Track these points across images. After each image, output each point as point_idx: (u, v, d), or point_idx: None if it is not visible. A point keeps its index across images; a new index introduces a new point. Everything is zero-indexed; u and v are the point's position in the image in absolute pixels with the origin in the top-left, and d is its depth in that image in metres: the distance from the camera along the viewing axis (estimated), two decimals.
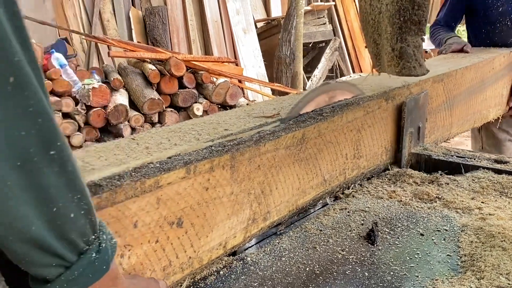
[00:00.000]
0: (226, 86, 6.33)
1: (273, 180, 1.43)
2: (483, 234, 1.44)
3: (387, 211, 1.63)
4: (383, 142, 1.91)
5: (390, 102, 1.88)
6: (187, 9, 8.30)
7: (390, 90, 1.87)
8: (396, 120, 1.95)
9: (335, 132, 1.63)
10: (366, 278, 1.27)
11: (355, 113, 1.71)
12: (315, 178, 1.60)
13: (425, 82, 2.07)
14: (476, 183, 1.79)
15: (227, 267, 1.33)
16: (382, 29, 1.78)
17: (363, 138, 1.79)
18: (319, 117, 1.55)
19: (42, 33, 7.29)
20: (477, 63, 2.61)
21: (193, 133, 1.35)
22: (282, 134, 1.41)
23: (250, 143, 1.31)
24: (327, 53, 9.57)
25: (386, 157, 1.95)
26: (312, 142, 1.55)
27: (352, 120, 1.70)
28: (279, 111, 1.56)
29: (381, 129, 1.87)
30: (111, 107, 5.65)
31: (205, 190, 1.21)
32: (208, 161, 1.20)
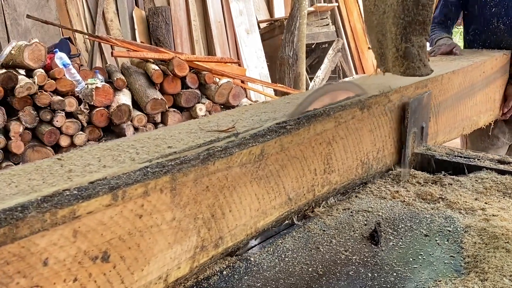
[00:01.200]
0: (229, 87, 6.33)
1: (225, 202, 1.28)
2: (487, 235, 1.43)
3: (390, 212, 1.63)
4: (358, 155, 1.76)
5: (365, 112, 1.75)
6: (190, 10, 8.31)
7: (366, 98, 1.74)
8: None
9: (301, 146, 1.50)
10: (370, 279, 1.27)
11: (325, 124, 1.57)
12: (278, 197, 1.45)
13: (406, 89, 1.94)
14: (480, 184, 1.78)
15: (230, 267, 1.33)
16: (386, 29, 1.78)
17: (335, 151, 1.65)
18: (282, 130, 1.42)
19: (46, 33, 7.31)
20: (466, 67, 2.47)
21: (130, 151, 1.21)
22: (235, 151, 1.27)
23: (196, 162, 1.18)
24: (330, 54, 9.57)
25: (362, 171, 1.80)
26: (274, 158, 1.41)
27: (321, 132, 1.57)
28: (234, 125, 1.41)
29: (355, 140, 1.73)
30: (114, 107, 5.66)
31: (139, 217, 1.07)
32: (142, 185, 1.06)
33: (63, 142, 5.52)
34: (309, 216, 1.61)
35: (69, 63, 5.77)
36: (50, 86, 5.41)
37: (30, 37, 6.49)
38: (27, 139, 5.42)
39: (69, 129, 5.53)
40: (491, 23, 3.09)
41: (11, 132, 5.24)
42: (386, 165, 1.92)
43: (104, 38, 6.67)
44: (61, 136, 5.51)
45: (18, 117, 5.31)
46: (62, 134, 5.51)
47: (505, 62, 2.94)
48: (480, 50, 3.04)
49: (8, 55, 5.50)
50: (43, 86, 5.38)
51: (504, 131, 3.25)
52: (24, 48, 5.41)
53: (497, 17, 3.06)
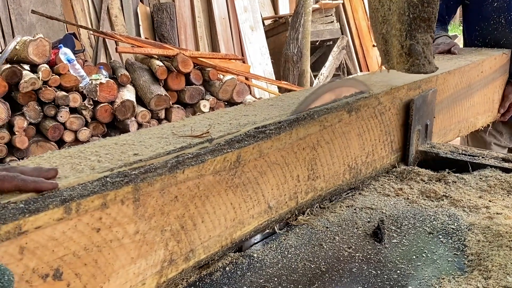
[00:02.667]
0: (233, 83, 6.33)
1: (197, 212, 1.21)
2: (490, 233, 1.43)
3: (394, 209, 1.63)
4: (345, 160, 1.69)
5: (353, 115, 1.67)
6: (195, 6, 8.30)
7: (354, 101, 1.66)
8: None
9: (282, 152, 1.43)
10: (373, 276, 1.27)
11: (308, 128, 1.50)
12: (256, 205, 1.38)
13: (398, 90, 1.87)
14: (484, 182, 1.78)
15: (233, 264, 1.33)
16: (391, 26, 1.77)
17: (320, 156, 1.58)
18: (261, 135, 1.34)
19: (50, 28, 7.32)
20: (463, 67, 2.36)
21: (92, 159, 1.12)
22: (208, 158, 1.20)
23: (162, 171, 1.10)
24: (334, 52, 9.55)
25: (350, 176, 1.73)
26: (252, 165, 1.34)
27: (304, 137, 1.50)
28: (209, 129, 1.31)
29: (342, 145, 1.66)
30: (118, 102, 5.67)
31: (96, 231, 0.99)
32: (99, 196, 0.98)
33: (67, 138, 5.53)
34: (292, 225, 1.54)
35: (73, 58, 5.77)
36: (55, 82, 5.41)
37: (35, 33, 6.49)
38: (31, 134, 5.43)
39: (73, 125, 5.54)
40: (492, 19, 2.94)
41: (15, 127, 5.25)
42: (376, 169, 1.86)
43: (108, 34, 6.67)
44: (65, 131, 5.52)
45: (22, 112, 5.31)
46: (66, 129, 5.52)
47: (505, 61, 2.85)
48: (479, 49, 2.93)
49: (12, 50, 5.50)
50: (48, 81, 5.38)
51: (501, 131, 3.14)
52: (28, 43, 5.41)
53: (498, 12, 2.90)
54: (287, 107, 1.58)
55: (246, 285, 1.23)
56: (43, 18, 6.91)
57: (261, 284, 1.23)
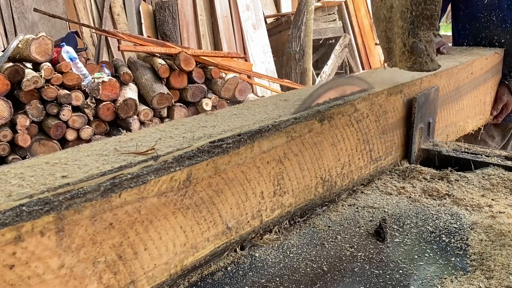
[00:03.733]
0: (235, 82, 6.33)
1: (139, 239, 1.09)
2: (493, 232, 1.42)
3: (396, 208, 1.62)
4: (318, 172, 1.56)
5: (326, 124, 1.55)
6: (197, 4, 8.30)
7: (326, 109, 1.54)
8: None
9: (242, 167, 1.30)
10: (375, 276, 1.26)
11: (273, 140, 1.37)
12: (212, 227, 1.26)
13: (377, 96, 1.75)
14: (486, 180, 1.77)
15: (235, 263, 1.32)
16: (393, 24, 1.77)
17: (288, 170, 1.45)
18: (216, 150, 1.22)
19: (53, 26, 7.32)
20: (451, 69, 2.23)
21: (13, 182, 0.98)
22: (151, 178, 1.07)
23: (94, 195, 0.97)
24: (336, 50, 9.54)
25: (324, 189, 1.60)
26: (205, 183, 1.21)
27: (268, 150, 1.37)
28: (155, 145, 1.18)
29: (314, 156, 1.54)
30: (120, 101, 5.68)
31: (9, 268, 0.87)
32: (12, 229, 0.86)
33: (69, 136, 5.54)
34: (256, 245, 1.44)
35: (76, 57, 5.78)
36: (57, 80, 5.42)
37: (37, 31, 6.50)
38: (34, 133, 5.43)
39: (76, 123, 5.55)
40: (483, 17, 2.85)
41: (17, 126, 5.26)
42: (353, 181, 1.73)
43: (111, 32, 6.67)
44: (68, 130, 5.53)
45: (25, 111, 5.32)
46: (68, 128, 5.53)
47: (497, 61, 2.74)
48: (470, 48, 2.82)
49: (15, 48, 5.51)
50: (50, 79, 5.39)
51: (492, 135, 3.06)
52: (31, 41, 5.42)
53: (489, 10, 2.81)
54: (252, 116, 1.45)
55: (248, 285, 1.22)
56: (45, 17, 6.92)
57: (262, 284, 1.23)
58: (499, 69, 2.79)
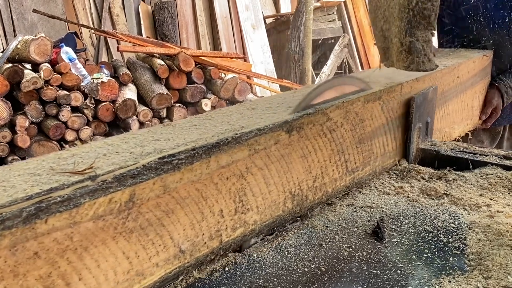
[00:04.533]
0: (235, 82, 6.33)
1: (71, 269, 0.98)
2: (491, 232, 1.42)
3: (394, 208, 1.62)
4: (286, 186, 1.46)
5: (295, 134, 1.45)
6: (196, 5, 8.31)
7: (294, 119, 1.44)
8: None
9: (197, 184, 1.20)
10: (373, 276, 1.26)
11: (233, 154, 1.27)
12: (162, 251, 1.16)
13: (352, 103, 1.65)
14: (485, 180, 1.77)
15: (233, 263, 1.32)
16: (391, 23, 1.77)
17: (251, 185, 1.35)
18: (165, 167, 1.11)
19: (52, 27, 7.32)
20: (435, 73, 2.09)
21: None
22: (85, 201, 0.96)
23: (14, 222, 0.86)
24: (336, 50, 9.55)
25: (293, 204, 1.50)
26: (153, 204, 1.11)
27: (228, 165, 1.27)
28: (92, 163, 1.06)
29: (281, 170, 1.44)
30: (119, 101, 5.68)
31: None
32: None
33: (68, 137, 5.54)
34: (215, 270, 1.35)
35: (75, 57, 5.78)
36: (56, 81, 5.42)
37: (36, 32, 6.50)
38: (33, 133, 5.44)
39: (75, 124, 5.55)
40: (470, 17, 2.76)
41: (17, 126, 5.26)
42: (327, 194, 1.63)
43: (110, 33, 6.67)
44: (67, 130, 5.53)
45: (24, 111, 5.32)
46: (67, 128, 5.53)
47: (486, 64, 2.61)
48: (457, 51, 2.69)
49: (14, 49, 5.51)
50: (49, 80, 5.39)
51: (481, 139, 3.00)
52: (30, 42, 5.42)
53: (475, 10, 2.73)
54: (212, 128, 1.34)
55: (246, 286, 1.22)
56: (44, 17, 6.92)
57: (260, 284, 1.23)
58: (488, 72, 2.68)
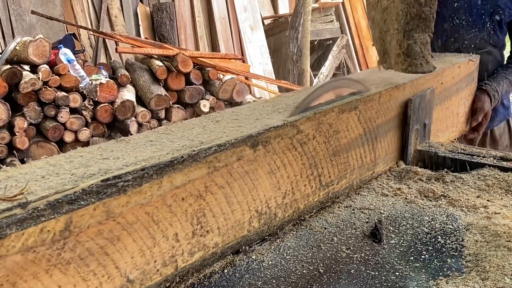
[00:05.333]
0: (233, 83, 6.34)
1: None
2: (488, 233, 1.43)
3: (392, 209, 1.63)
4: (252, 205, 1.37)
5: (260, 149, 1.35)
6: (194, 6, 8.31)
7: (259, 133, 1.34)
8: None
9: (147, 207, 1.09)
10: (371, 277, 1.26)
11: (189, 173, 1.17)
12: (106, 282, 1.06)
13: (325, 114, 1.56)
14: (482, 181, 1.78)
15: (231, 265, 1.32)
16: (388, 26, 1.77)
17: (211, 205, 1.25)
18: (110, 190, 1.00)
19: (50, 29, 7.32)
20: (416, 80, 1.97)
21: None
22: (11, 232, 0.86)
23: None
24: (334, 51, 9.55)
25: (260, 223, 1.41)
26: (94, 231, 1.00)
27: (183, 184, 1.17)
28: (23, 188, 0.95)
29: (246, 187, 1.34)
30: (118, 102, 5.68)
31: None
32: None
33: (67, 138, 5.54)
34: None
35: (73, 59, 5.78)
36: (55, 82, 5.42)
37: (35, 33, 6.50)
38: (32, 135, 5.44)
39: (73, 125, 5.55)
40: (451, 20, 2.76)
41: (15, 128, 5.26)
42: (299, 210, 1.54)
43: (108, 34, 6.67)
44: (66, 132, 5.53)
45: (23, 113, 5.32)
46: (66, 130, 5.53)
47: (472, 69, 2.49)
48: (441, 55, 2.60)
49: (12, 50, 5.51)
50: (48, 82, 5.39)
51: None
52: (28, 44, 5.42)
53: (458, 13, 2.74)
54: (169, 143, 1.25)
55: (244, 287, 1.23)
56: (43, 19, 6.92)
57: (259, 286, 1.23)
58: (475, 78, 2.57)
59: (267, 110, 1.58)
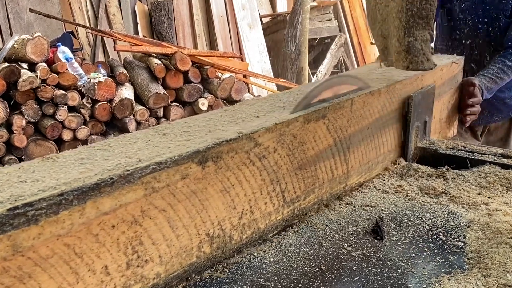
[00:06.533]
0: (231, 81, 6.33)
1: None
2: (490, 230, 1.43)
3: (393, 206, 1.62)
4: (201, 228, 1.22)
5: (210, 166, 1.21)
6: (192, 4, 8.30)
7: (208, 147, 1.20)
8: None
9: (66, 238, 0.95)
10: (373, 274, 1.26)
11: (121, 196, 1.02)
12: None
13: (288, 125, 1.41)
14: (483, 178, 1.78)
15: (233, 263, 1.32)
16: (389, 23, 1.77)
17: (150, 231, 1.10)
18: (16, 221, 0.86)
19: (48, 27, 7.31)
20: (393, 84, 1.84)
21: None
22: None
23: None
24: (332, 49, 9.56)
25: (213, 248, 1.27)
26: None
27: (113, 210, 1.02)
28: None
29: (194, 209, 1.19)
30: (116, 101, 5.67)
31: None
32: None
33: (65, 136, 5.53)
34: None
35: (71, 57, 5.76)
36: (53, 80, 5.41)
37: (33, 31, 6.49)
38: (30, 133, 5.43)
39: (72, 123, 5.54)
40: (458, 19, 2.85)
41: (13, 126, 5.25)
42: (259, 231, 1.40)
43: (106, 32, 6.66)
44: (64, 130, 5.52)
45: (21, 111, 5.31)
46: (64, 128, 5.52)
47: (455, 72, 2.37)
48: None
49: (10, 49, 5.50)
50: (46, 80, 5.38)
51: None
52: (26, 42, 5.41)
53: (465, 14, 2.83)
54: (102, 162, 1.10)
55: (247, 285, 1.23)
56: (41, 17, 6.90)
57: (261, 283, 1.23)
58: (458, 80, 2.46)
59: (223, 121, 1.44)
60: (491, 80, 2.60)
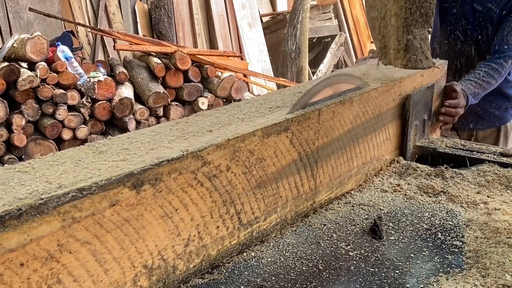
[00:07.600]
0: (231, 81, 6.32)
1: None
2: (488, 229, 1.42)
3: (392, 205, 1.62)
4: (136, 259, 1.09)
5: (147, 190, 1.08)
6: (192, 3, 8.29)
7: (144, 169, 1.06)
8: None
9: None
10: (370, 274, 1.26)
11: (31, 230, 0.89)
12: None
13: (243, 140, 1.29)
14: (482, 177, 1.77)
15: (231, 262, 1.32)
16: (388, 22, 1.77)
17: (70, 267, 0.96)
18: None
19: (48, 26, 7.30)
20: (367, 92, 1.75)
21: None
22: None
23: None
24: (332, 48, 9.55)
25: (151, 281, 1.13)
26: None
27: (22, 246, 0.88)
28: None
29: (127, 238, 1.06)
30: (116, 100, 5.66)
31: None
32: None
33: (65, 135, 5.52)
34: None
35: (71, 56, 5.75)
36: (52, 79, 5.40)
37: (33, 30, 6.48)
38: (30, 132, 5.42)
39: (71, 123, 5.53)
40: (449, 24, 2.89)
41: (13, 125, 5.24)
42: (210, 258, 1.28)
43: (106, 31, 6.65)
44: (64, 129, 5.51)
45: (20, 110, 5.30)
46: (64, 127, 5.51)
47: (438, 77, 2.28)
48: None
49: (10, 48, 5.49)
50: (45, 79, 5.37)
51: None
52: (26, 41, 5.40)
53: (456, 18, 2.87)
54: (18, 188, 0.95)
55: (244, 285, 1.22)
56: (40, 16, 6.89)
57: (258, 283, 1.23)
58: (441, 86, 2.39)
59: (171, 135, 1.30)
60: (477, 84, 2.58)
